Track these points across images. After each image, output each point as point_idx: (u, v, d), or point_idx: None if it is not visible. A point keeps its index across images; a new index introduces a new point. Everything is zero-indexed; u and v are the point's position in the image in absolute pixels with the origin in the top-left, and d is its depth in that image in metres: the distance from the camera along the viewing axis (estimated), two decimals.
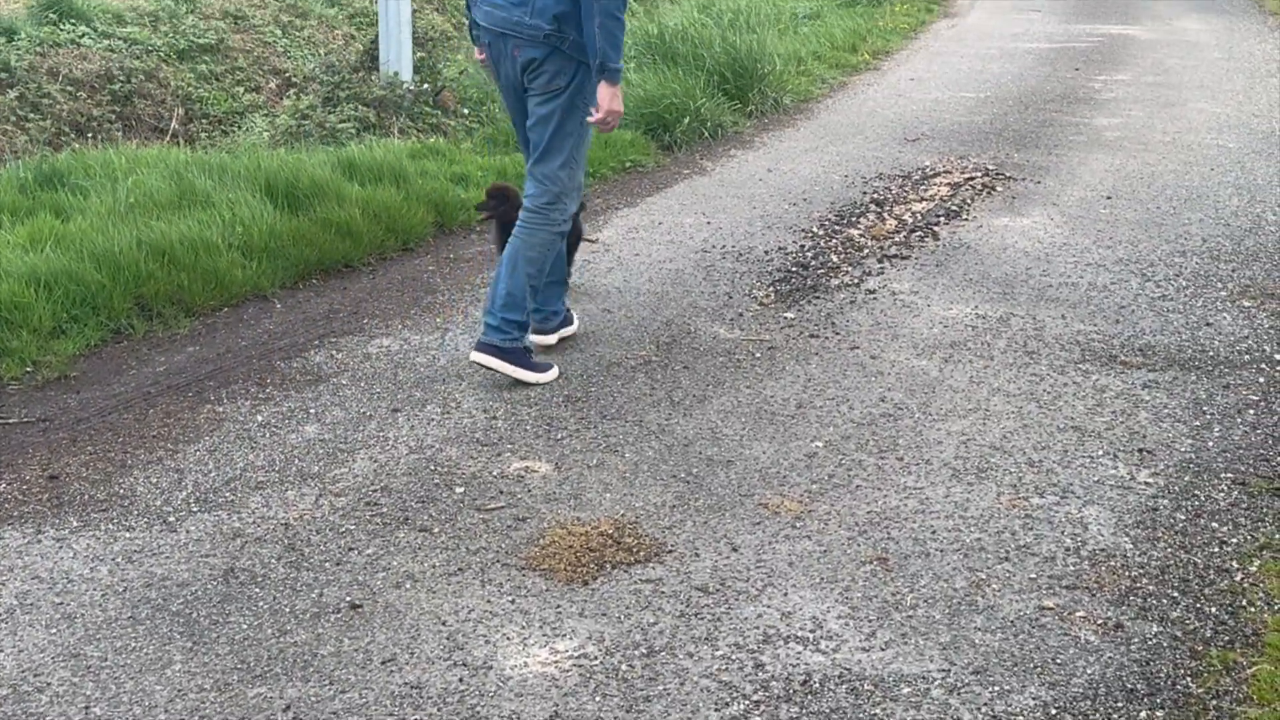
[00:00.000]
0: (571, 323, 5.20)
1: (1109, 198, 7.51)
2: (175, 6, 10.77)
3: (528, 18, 4.52)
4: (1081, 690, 3.00)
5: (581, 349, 5.14)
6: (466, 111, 9.12)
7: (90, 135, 9.09)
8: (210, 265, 5.69)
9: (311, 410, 4.57)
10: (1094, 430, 4.37)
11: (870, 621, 3.25)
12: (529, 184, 4.69)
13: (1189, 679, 3.04)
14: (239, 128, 9.62)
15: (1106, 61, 12.70)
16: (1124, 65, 12.50)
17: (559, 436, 4.34)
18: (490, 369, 4.71)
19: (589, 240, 6.62)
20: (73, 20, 10.10)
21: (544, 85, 4.57)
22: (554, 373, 4.79)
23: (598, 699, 2.96)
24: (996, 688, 3.00)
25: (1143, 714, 2.92)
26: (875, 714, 2.90)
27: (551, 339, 5.08)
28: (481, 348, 4.70)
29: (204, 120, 9.82)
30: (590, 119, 4.58)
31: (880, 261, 6.30)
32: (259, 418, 4.51)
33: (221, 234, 5.92)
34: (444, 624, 3.25)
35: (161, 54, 10.09)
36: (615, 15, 4.39)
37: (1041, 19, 15.77)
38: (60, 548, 3.65)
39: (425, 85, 8.97)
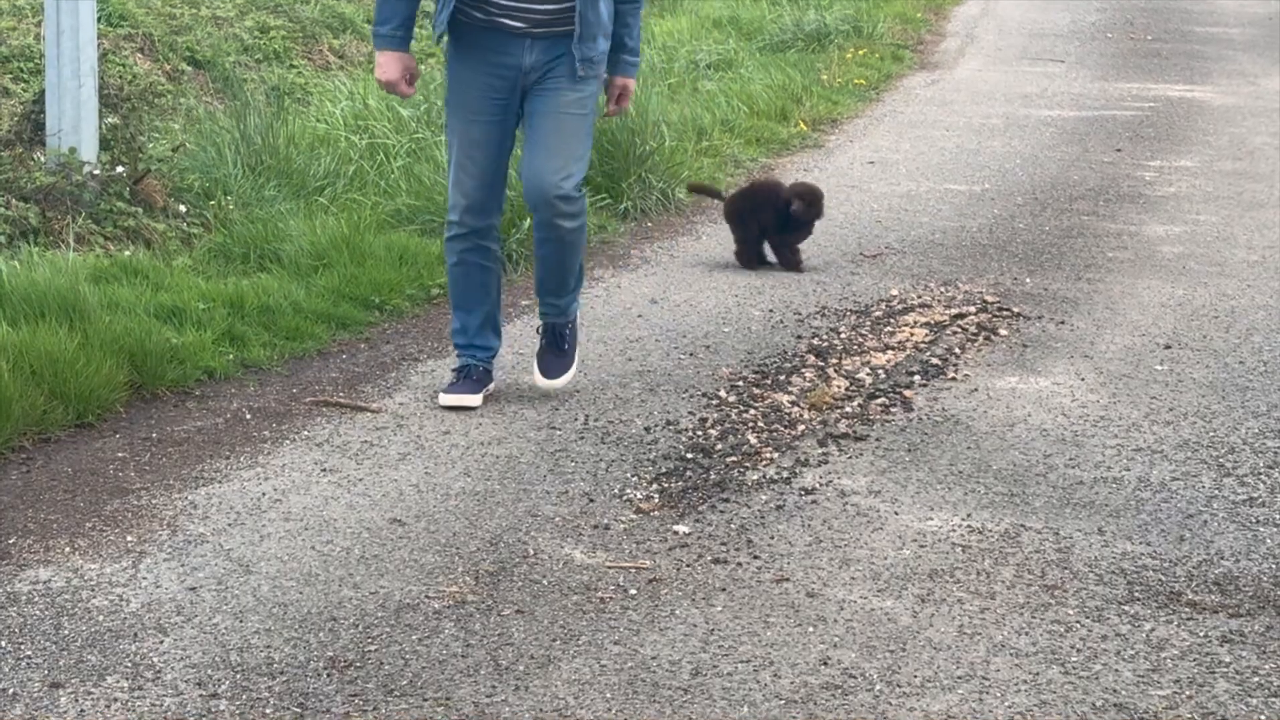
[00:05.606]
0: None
1: (1168, 347, 7.69)
2: None
3: None
4: None
5: (356, 583, 5.10)
6: (184, 209, 9.13)
7: None
8: None
9: None
10: (1149, 711, 4.40)
11: None
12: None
13: None
14: None
15: (1162, 139, 13.11)
16: (1188, 145, 12.93)
17: None
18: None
19: (370, 410, 6.62)
20: None
21: None
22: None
23: None
24: None
25: None
26: None
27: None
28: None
29: None
30: None
31: (823, 444, 6.36)
32: None
33: None
34: None
35: None
36: None
37: (1066, 74, 16.19)
38: None
39: (119, 169, 8.97)
